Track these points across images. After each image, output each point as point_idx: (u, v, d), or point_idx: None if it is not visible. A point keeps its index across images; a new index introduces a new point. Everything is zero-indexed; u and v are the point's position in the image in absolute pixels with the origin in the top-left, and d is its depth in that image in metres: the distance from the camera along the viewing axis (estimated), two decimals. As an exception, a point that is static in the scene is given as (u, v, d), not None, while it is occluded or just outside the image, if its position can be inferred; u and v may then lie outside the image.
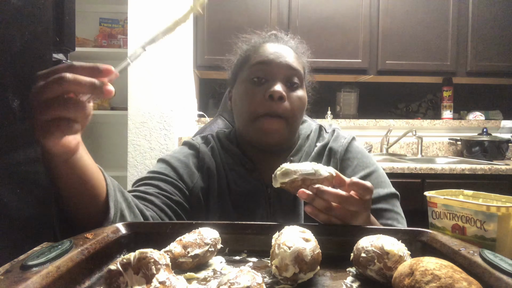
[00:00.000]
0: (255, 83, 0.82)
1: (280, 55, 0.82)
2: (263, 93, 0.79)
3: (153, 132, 2.04)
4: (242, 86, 0.84)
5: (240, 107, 0.84)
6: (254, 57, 0.84)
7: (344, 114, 2.78)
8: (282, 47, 0.85)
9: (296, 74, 0.83)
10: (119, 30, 2.61)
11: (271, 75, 0.81)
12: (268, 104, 0.79)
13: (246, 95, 0.82)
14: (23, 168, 0.88)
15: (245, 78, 0.84)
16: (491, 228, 0.56)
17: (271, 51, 0.83)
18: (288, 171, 0.62)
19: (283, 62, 0.81)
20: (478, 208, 0.57)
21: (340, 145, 0.88)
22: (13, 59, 0.84)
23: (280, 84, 0.80)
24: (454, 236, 0.59)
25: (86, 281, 0.48)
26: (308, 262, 0.48)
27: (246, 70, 0.84)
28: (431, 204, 0.66)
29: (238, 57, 0.91)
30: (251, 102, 0.80)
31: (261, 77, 0.82)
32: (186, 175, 0.83)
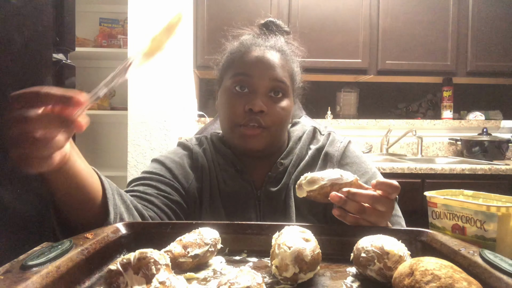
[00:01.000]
0: (237, 94, 0.80)
1: (265, 65, 0.79)
2: (244, 105, 0.78)
3: (153, 132, 2.04)
4: (224, 95, 0.83)
5: (222, 114, 0.84)
6: (238, 64, 0.82)
7: (344, 114, 2.78)
8: (269, 53, 0.81)
9: (280, 86, 0.81)
10: (119, 30, 2.61)
11: (253, 87, 0.79)
12: (248, 115, 0.78)
13: (228, 104, 0.81)
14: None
15: (228, 87, 0.82)
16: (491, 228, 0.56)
17: (254, 60, 0.80)
18: (315, 179, 0.62)
19: (267, 74, 0.79)
20: (478, 208, 0.57)
21: (337, 150, 0.86)
22: (13, 59, 0.84)
23: (261, 97, 0.78)
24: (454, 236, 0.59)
25: (86, 281, 0.48)
26: (308, 262, 0.48)
27: (229, 78, 0.82)
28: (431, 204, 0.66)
29: (225, 57, 0.88)
30: (233, 113, 0.80)
31: (243, 87, 0.80)
32: (181, 176, 0.83)
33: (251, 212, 0.82)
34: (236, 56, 0.83)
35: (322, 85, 2.70)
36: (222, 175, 0.85)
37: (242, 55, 0.82)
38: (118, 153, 2.69)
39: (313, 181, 0.62)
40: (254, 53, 0.81)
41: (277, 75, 0.80)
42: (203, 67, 2.46)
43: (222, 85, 0.85)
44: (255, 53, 0.81)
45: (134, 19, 2.03)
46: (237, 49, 0.84)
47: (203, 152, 0.88)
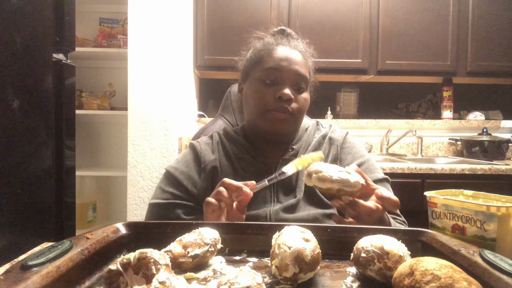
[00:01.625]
0: (267, 85, 0.92)
1: (291, 62, 0.92)
2: (274, 94, 0.90)
3: (153, 132, 2.04)
4: (254, 85, 0.94)
5: (252, 102, 0.94)
6: (267, 60, 0.94)
7: (344, 114, 2.78)
8: (293, 52, 0.95)
9: (303, 79, 0.93)
10: (119, 30, 2.61)
11: (282, 80, 0.92)
12: (278, 103, 0.90)
13: (258, 93, 0.92)
14: (23, 169, 0.88)
15: (258, 78, 0.94)
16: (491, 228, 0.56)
17: (283, 57, 0.93)
18: (325, 178, 0.66)
19: (293, 69, 0.92)
20: (478, 208, 0.57)
21: (339, 135, 1.02)
22: (13, 59, 0.84)
23: (288, 87, 0.91)
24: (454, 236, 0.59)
25: (86, 281, 0.48)
26: (308, 262, 0.48)
27: (259, 71, 0.94)
28: (431, 204, 0.66)
29: (251, 54, 1.00)
30: (263, 100, 0.91)
31: (272, 80, 0.92)
32: (190, 185, 0.93)
33: (266, 192, 0.91)
34: (265, 53, 0.95)
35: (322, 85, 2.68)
36: (239, 163, 0.95)
37: (271, 52, 0.95)
38: (118, 153, 2.69)
39: (323, 179, 0.66)
40: (282, 51, 0.94)
41: (301, 70, 0.93)
42: (203, 67, 2.46)
43: (250, 78, 0.97)
44: (282, 51, 0.94)
45: (134, 19, 2.03)
46: (264, 47, 0.97)
47: (217, 146, 0.98)
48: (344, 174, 0.66)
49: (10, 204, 0.84)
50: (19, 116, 0.85)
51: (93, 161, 2.74)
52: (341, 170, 0.67)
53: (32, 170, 0.91)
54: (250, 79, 0.97)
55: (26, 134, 0.88)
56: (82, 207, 2.46)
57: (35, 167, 0.92)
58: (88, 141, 2.71)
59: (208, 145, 1.00)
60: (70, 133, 1.03)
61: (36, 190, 0.92)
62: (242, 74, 1.02)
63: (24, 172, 0.88)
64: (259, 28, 1.04)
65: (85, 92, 2.57)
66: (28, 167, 0.90)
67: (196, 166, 0.96)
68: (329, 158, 0.97)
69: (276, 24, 2.41)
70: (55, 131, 0.98)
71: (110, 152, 2.74)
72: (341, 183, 0.65)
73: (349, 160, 0.96)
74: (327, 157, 0.97)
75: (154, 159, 2.03)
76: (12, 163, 0.84)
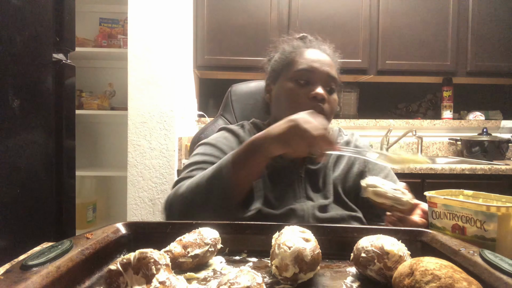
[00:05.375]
0: (300, 85, 0.94)
1: (322, 63, 0.96)
2: (307, 94, 0.93)
3: (153, 132, 2.04)
4: (287, 85, 0.96)
5: (285, 102, 0.96)
6: (299, 61, 0.96)
7: (344, 114, 2.78)
8: (323, 55, 0.98)
9: (334, 81, 0.96)
10: (119, 30, 2.61)
11: (314, 80, 0.94)
12: (311, 103, 0.92)
13: (291, 93, 0.95)
14: (23, 168, 0.88)
15: (291, 79, 0.96)
16: (491, 228, 0.56)
17: (315, 59, 0.96)
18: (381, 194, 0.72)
19: (325, 71, 0.95)
20: (478, 208, 0.57)
21: (364, 145, 1.07)
22: (13, 59, 0.84)
23: (321, 88, 0.93)
24: (454, 236, 0.59)
25: (86, 281, 0.48)
26: (308, 262, 0.48)
27: (292, 72, 0.96)
28: (431, 204, 0.66)
29: (281, 56, 1.02)
30: (297, 100, 0.93)
31: (305, 80, 0.94)
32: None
33: (295, 187, 0.94)
34: (296, 54, 0.98)
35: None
36: None
37: (302, 54, 0.98)
38: (118, 153, 2.69)
39: (379, 194, 0.73)
40: (313, 53, 0.98)
41: (331, 72, 0.96)
42: (203, 67, 2.46)
43: (281, 78, 0.99)
44: (313, 53, 0.98)
45: (134, 19, 2.03)
46: (294, 49, 1.01)
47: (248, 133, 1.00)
48: (399, 193, 0.73)
49: (10, 204, 0.84)
50: (19, 116, 0.85)
51: (93, 161, 2.73)
52: (396, 188, 0.74)
53: (32, 170, 0.91)
54: (281, 80, 0.99)
55: (26, 134, 0.88)
56: (82, 207, 2.46)
57: (35, 167, 0.92)
58: (88, 141, 2.71)
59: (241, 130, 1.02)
60: (70, 133, 1.03)
61: (36, 190, 0.92)
62: (270, 75, 1.05)
63: (24, 172, 0.88)
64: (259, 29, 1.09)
65: (85, 92, 2.57)
66: (28, 167, 0.90)
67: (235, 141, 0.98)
68: (355, 165, 1.00)
69: (276, 23, 2.41)
70: (55, 131, 0.98)
71: (110, 152, 2.74)
72: (395, 200, 0.72)
73: (376, 171, 1.00)
74: (353, 164, 1.00)
75: (154, 159, 2.03)
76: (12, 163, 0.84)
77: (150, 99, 2.04)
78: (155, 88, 2.04)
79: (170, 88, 2.04)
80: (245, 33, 2.41)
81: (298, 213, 0.89)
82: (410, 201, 0.73)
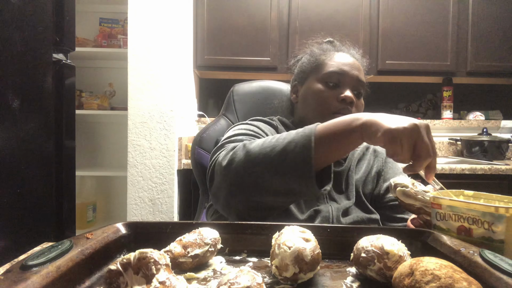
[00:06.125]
0: (329, 87, 0.96)
1: (352, 67, 0.97)
2: (336, 96, 0.94)
3: (153, 132, 2.04)
4: (316, 87, 0.97)
5: (313, 103, 0.97)
6: (329, 64, 0.97)
7: (344, 114, 2.78)
8: (353, 59, 0.99)
9: (362, 85, 0.98)
10: (119, 30, 2.61)
11: (343, 83, 0.96)
12: (340, 105, 0.93)
13: (320, 95, 0.96)
14: (23, 168, 0.88)
15: (320, 80, 0.97)
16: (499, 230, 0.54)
17: (345, 62, 0.97)
18: (410, 194, 0.70)
19: (354, 74, 0.96)
20: (486, 209, 0.56)
21: (382, 150, 1.06)
22: (13, 59, 0.84)
23: (350, 91, 0.94)
24: (459, 238, 0.58)
25: (86, 281, 0.48)
26: (308, 262, 0.48)
27: (322, 74, 0.97)
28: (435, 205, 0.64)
29: (310, 58, 1.03)
30: (325, 102, 0.94)
31: (334, 83, 0.96)
32: None
33: None
34: (326, 57, 0.99)
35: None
36: None
37: (332, 57, 0.99)
38: (118, 153, 2.69)
39: (408, 195, 0.70)
40: (342, 57, 0.99)
41: (360, 76, 0.97)
42: (203, 67, 2.46)
43: (310, 80, 1.00)
44: (343, 57, 0.99)
45: (134, 19, 2.03)
46: (324, 52, 1.02)
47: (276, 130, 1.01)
48: (428, 195, 0.70)
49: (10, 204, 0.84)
50: (19, 116, 0.85)
51: (93, 161, 2.73)
52: (425, 190, 0.71)
53: (32, 170, 0.91)
54: (309, 81, 1.00)
55: (26, 133, 0.88)
56: (82, 207, 2.46)
57: (35, 167, 0.92)
58: (88, 141, 2.71)
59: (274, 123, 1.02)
60: (70, 133, 1.03)
61: (36, 190, 0.92)
62: (298, 76, 1.06)
63: (24, 172, 0.88)
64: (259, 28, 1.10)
65: (85, 92, 2.57)
66: (28, 167, 0.90)
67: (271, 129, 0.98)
68: (374, 169, 1.01)
69: (276, 23, 2.40)
70: (55, 131, 0.97)
71: (110, 152, 2.74)
72: (423, 202, 0.69)
73: (391, 175, 1.01)
74: (372, 168, 1.02)
75: (154, 159, 2.03)
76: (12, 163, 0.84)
77: (150, 99, 2.04)
78: (155, 88, 2.04)
79: (170, 88, 2.04)
80: (245, 33, 2.41)
81: (323, 214, 0.88)
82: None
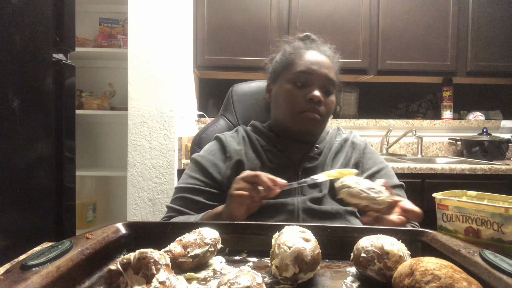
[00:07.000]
0: (298, 87, 0.97)
1: (321, 65, 0.97)
2: (304, 95, 0.95)
3: (153, 132, 2.04)
4: (285, 86, 0.99)
5: (283, 103, 0.99)
6: (298, 63, 0.98)
7: (344, 114, 2.78)
8: (322, 57, 1.00)
9: (331, 83, 0.98)
10: (119, 30, 2.61)
11: (312, 82, 0.96)
12: (308, 104, 0.95)
13: (289, 94, 0.97)
14: (23, 169, 0.88)
15: (289, 80, 0.98)
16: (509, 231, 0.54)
17: (313, 61, 0.98)
18: (354, 194, 0.69)
19: (323, 73, 0.96)
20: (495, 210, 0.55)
21: (361, 141, 1.07)
22: (13, 59, 0.84)
23: (318, 90, 0.95)
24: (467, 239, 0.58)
25: (86, 281, 0.48)
26: (308, 262, 0.48)
27: (291, 74, 0.98)
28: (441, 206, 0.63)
29: (281, 57, 1.04)
30: (294, 101, 0.96)
31: (303, 83, 0.97)
32: (215, 172, 0.98)
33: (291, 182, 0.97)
34: (296, 56, 1.00)
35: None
36: (266, 154, 1.00)
37: (302, 56, 0.99)
38: (118, 153, 2.69)
39: (352, 195, 0.70)
40: (312, 55, 0.99)
41: (329, 74, 0.98)
42: (203, 67, 2.46)
43: (280, 79, 1.02)
44: (312, 55, 0.99)
45: (134, 19, 2.03)
46: (294, 50, 1.02)
47: (242, 139, 1.04)
48: (373, 191, 0.69)
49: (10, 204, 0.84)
50: (19, 116, 0.85)
51: (93, 161, 2.73)
52: (371, 187, 0.70)
53: (32, 170, 0.91)
54: (280, 80, 1.02)
55: (26, 133, 0.88)
56: (82, 207, 2.46)
57: (35, 167, 0.92)
58: (88, 141, 2.71)
59: (233, 137, 1.05)
60: (70, 133, 1.03)
61: (36, 190, 0.92)
62: (271, 75, 1.07)
63: (24, 173, 0.88)
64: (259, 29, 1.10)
65: (85, 92, 2.57)
66: (28, 167, 0.90)
67: (221, 155, 1.01)
68: (352, 161, 1.01)
69: (276, 23, 2.41)
70: (55, 131, 0.97)
71: (110, 152, 2.74)
72: (369, 200, 0.68)
73: (370, 165, 1.01)
74: (349, 160, 1.02)
75: (154, 159, 2.03)
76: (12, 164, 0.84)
77: (150, 99, 2.04)
78: (155, 88, 2.04)
79: (170, 88, 2.04)
80: (245, 33, 2.41)
81: (288, 206, 0.90)
82: (386, 199, 0.69)
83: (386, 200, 0.70)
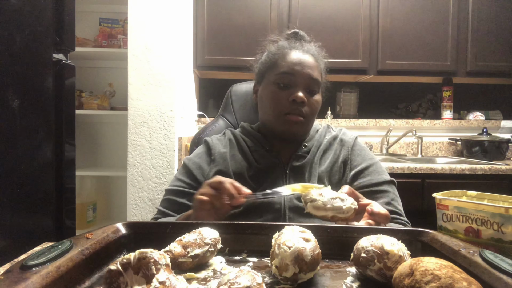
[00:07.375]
0: (281, 88, 0.96)
1: (304, 66, 0.96)
2: (288, 97, 0.95)
3: (153, 132, 2.04)
4: (269, 88, 0.99)
5: (267, 104, 0.99)
6: (281, 64, 0.98)
7: (344, 114, 2.78)
8: (306, 56, 0.98)
9: (315, 83, 0.97)
10: (119, 30, 2.61)
11: (295, 83, 0.96)
12: (291, 105, 0.95)
13: (272, 96, 0.97)
14: (23, 169, 0.88)
15: (273, 82, 0.98)
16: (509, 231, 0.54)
17: (296, 61, 0.97)
18: (319, 207, 0.68)
19: (306, 73, 0.96)
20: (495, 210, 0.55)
21: (350, 138, 1.06)
22: (13, 59, 0.84)
23: (301, 90, 0.95)
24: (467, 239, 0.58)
25: (86, 281, 0.48)
26: (308, 262, 0.48)
27: (274, 75, 0.98)
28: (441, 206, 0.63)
29: (266, 58, 1.04)
30: (278, 103, 0.96)
31: (286, 84, 0.96)
32: (199, 175, 0.99)
33: (279, 183, 0.96)
34: (279, 57, 0.99)
35: (322, 85, 2.69)
36: (254, 155, 1.00)
37: (285, 56, 0.98)
38: (118, 153, 2.69)
39: (317, 207, 0.69)
40: (295, 56, 0.98)
41: (313, 74, 0.97)
42: (203, 67, 2.46)
43: (265, 80, 1.02)
44: (296, 56, 0.98)
45: (134, 19, 2.03)
46: (278, 51, 1.01)
47: (229, 141, 1.04)
48: (337, 201, 0.68)
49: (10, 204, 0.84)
50: (19, 116, 0.85)
51: (93, 161, 2.73)
52: (335, 197, 0.69)
53: (32, 170, 0.91)
54: (264, 81, 1.02)
55: (26, 134, 0.88)
56: (82, 207, 2.46)
57: (35, 167, 0.92)
58: (88, 141, 2.71)
59: (220, 140, 1.06)
60: (70, 133, 1.03)
61: (36, 190, 0.92)
62: (257, 76, 1.07)
63: (24, 173, 0.88)
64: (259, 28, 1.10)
65: (85, 92, 2.57)
66: (28, 168, 0.90)
67: (207, 157, 1.02)
68: (340, 158, 1.00)
69: (276, 23, 2.41)
70: (55, 131, 0.98)
71: (110, 152, 2.74)
72: (335, 210, 0.68)
73: (358, 162, 1.00)
74: (338, 158, 1.00)
75: (154, 159, 2.03)
76: (12, 163, 0.84)
77: (150, 99, 2.04)
78: (155, 88, 2.04)
79: (170, 88, 2.04)
80: (245, 33, 2.41)
81: (275, 205, 0.91)
82: (352, 206, 0.69)
83: (352, 207, 0.69)
